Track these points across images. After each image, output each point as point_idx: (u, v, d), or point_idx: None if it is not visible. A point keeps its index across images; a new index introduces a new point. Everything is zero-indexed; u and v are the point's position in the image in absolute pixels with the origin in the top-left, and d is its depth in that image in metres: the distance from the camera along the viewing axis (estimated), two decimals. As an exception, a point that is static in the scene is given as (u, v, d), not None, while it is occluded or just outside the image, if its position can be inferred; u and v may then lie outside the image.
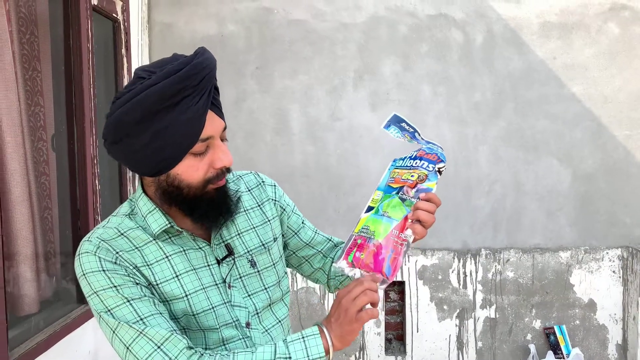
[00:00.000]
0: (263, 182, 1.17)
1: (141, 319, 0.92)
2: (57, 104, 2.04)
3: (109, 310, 0.93)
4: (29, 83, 1.90)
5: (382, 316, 3.02)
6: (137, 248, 0.98)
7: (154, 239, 1.00)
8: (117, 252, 0.96)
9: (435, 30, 2.96)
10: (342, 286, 1.22)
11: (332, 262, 1.20)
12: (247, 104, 2.96)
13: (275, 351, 0.93)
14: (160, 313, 0.94)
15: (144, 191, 1.02)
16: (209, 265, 1.02)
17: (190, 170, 0.95)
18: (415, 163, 1.04)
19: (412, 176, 1.02)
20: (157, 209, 1.00)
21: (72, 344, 1.98)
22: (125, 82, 2.51)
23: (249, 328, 1.04)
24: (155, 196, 1.01)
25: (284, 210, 1.18)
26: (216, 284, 1.02)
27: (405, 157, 1.07)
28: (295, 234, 1.21)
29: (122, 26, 2.47)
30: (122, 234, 0.99)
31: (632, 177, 3.00)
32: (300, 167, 3.00)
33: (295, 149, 3.00)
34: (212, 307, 1.00)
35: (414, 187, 1.00)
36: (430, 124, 2.99)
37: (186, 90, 0.90)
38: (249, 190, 1.14)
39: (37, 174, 1.92)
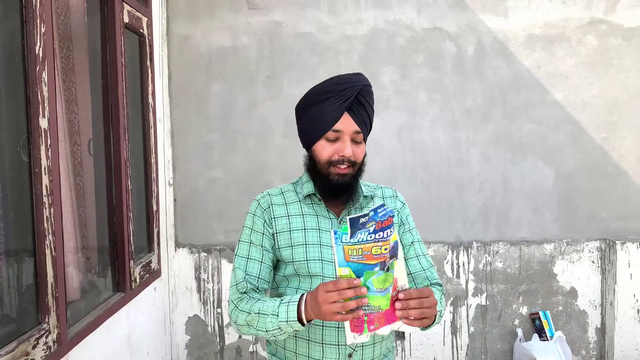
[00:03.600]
0: (397, 196, 1.48)
1: (247, 258, 1.33)
2: (95, 112, 2.20)
3: (240, 241, 1.37)
4: (66, 93, 2.10)
5: (382, 304, 3.19)
6: (285, 204, 1.37)
7: (299, 201, 1.37)
8: (272, 204, 1.36)
9: (430, 42, 3.09)
10: None
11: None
12: (259, 110, 3.08)
13: (273, 307, 1.20)
14: (261, 262, 1.32)
15: (307, 169, 1.40)
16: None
17: (320, 149, 1.31)
18: (379, 236, 1.05)
19: (384, 249, 1.05)
20: (311, 181, 1.38)
21: (111, 326, 2.17)
22: (150, 90, 2.69)
23: None
24: (310, 171, 1.38)
25: (402, 224, 1.44)
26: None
27: (355, 233, 1.06)
28: (402, 247, 1.44)
29: (147, 40, 2.62)
30: (282, 193, 1.40)
31: (609, 176, 3.12)
32: (307, 167, 3.17)
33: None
34: (322, 259, 1.30)
35: (389, 254, 1.07)
36: (426, 127, 3.12)
37: (332, 92, 1.29)
38: (383, 198, 1.45)
39: (74, 175, 2.11)
